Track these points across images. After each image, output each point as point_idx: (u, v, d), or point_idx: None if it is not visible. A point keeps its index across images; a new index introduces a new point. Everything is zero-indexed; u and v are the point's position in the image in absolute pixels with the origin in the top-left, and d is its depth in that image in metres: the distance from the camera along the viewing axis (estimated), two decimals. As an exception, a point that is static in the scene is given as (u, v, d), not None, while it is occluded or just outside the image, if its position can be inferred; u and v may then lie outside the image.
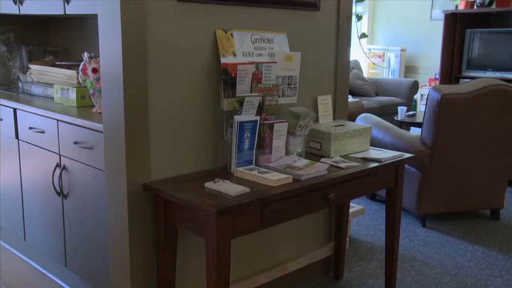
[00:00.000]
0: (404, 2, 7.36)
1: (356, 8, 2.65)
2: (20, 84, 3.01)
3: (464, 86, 3.42)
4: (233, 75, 1.99)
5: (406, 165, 2.87)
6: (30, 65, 3.02)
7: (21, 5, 2.65)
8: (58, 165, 2.40)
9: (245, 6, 2.12)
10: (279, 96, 2.14)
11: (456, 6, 6.44)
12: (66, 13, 2.37)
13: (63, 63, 2.86)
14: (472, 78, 5.90)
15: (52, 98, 2.67)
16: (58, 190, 2.42)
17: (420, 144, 3.40)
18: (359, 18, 2.71)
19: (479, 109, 3.38)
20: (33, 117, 2.52)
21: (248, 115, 1.96)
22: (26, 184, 2.71)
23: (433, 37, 6.97)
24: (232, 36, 2.07)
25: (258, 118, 1.98)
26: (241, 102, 1.93)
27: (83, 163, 2.23)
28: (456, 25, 6.39)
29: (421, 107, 6.78)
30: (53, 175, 2.43)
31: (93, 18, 2.37)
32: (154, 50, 1.85)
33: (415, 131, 4.48)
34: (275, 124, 2.03)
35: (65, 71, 2.72)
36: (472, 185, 3.57)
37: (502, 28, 6.18)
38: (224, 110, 2.00)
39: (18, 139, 2.69)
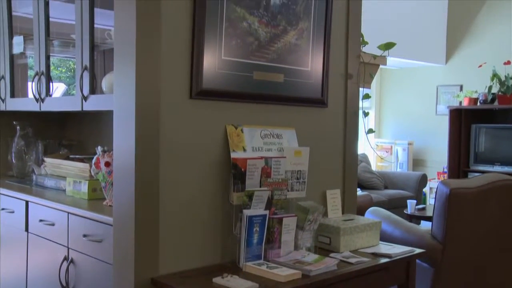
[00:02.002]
0: (409, 98, 7.58)
1: (363, 104, 2.74)
2: (34, 177, 3.07)
3: (473, 181, 3.43)
4: (242, 169, 2.03)
5: (417, 261, 2.82)
6: (45, 158, 3.10)
7: (42, 102, 2.78)
8: (66, 258, 2.39)
9: (255, 103, 2.20)
10: (288, 191, 2.16)
11: (460, 102, 6.62)
12: (84, 109, 2.48)
13: (77, 156, 2.93)
14: (481, 172, 5.91)
15: (64, 190, 2.71)
16: (64, 284, 2.38)
17: (431, 239, 3.35)
18: (366, 114, 2.79)
19: (489, 204, 3.36)
20: (44, 209, 2.55)
21: (257, 209, 1.97)
22: (31, 277, 2.68)
23: (439, 131, 7.09)
24: (242, 132, 2.13)
25: (267, 212, 1.99)
26: (250, 196, 1.96)
27: (91, 257, 2.21)
28: (461, 120, 6.53)
29: (430, 201, 6.74)
30: (60, 269, 2.40)
31: (107, 113, 2.47)
32: (166, 144, 1.90)
33: (425, 225, 4.43)
34: (284, 219, 2.03)
35: (78, 164, 2.78)
36: (487, 282, 3.47)
37: (506, 124, 6.29)
38: (234, 204, 2.02)
39: (27, 232, 2.70)
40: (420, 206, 5.33)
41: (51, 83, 2.79)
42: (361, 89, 2.69)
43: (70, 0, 2.57)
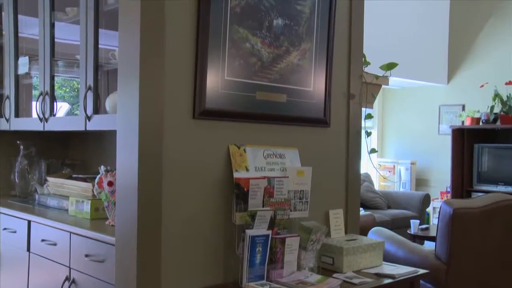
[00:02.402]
0: (411, 118, 7.59)
1: (365, 124, 2.75)
2: (36, 196, 3.07)
3: (476, 201, 3.42)
4: (245, 189, 2.03)
5: (421, 281, 2.80)
6: (48, 178, 3.10)
7: (46, 122, 2.79)
8: (67, 278, 2.37)
9: (257, 123, 2.21)
10: (290, 210, 2.16)
11: (463, 122, 6.63)
12: (87, 129, 2.49)
13: (79, 176, 2.94)
14: (485, 192, 5.90)
15: (67, 210, 2.71)
16: (65, 305, 2.37)
17: (435, 259, 3.33)
18: (368, 134, 2.80)
19: (493, 224, 3.34)
20: (46, 229, 2.54)
21: (260, 229, 1.97)
22: (33, 297, 2.66)
23: (441, 150, 7.08)
24: (245, 152, 2.14)
25: (270, 232, 1.98)
26: (253, 216, 1.95)
27: (93, 277, 2.20)
28: (463, 140, 6.53)
29: (434, 220, 6.70)
30: (61, 289, 2.39)
31: (110, 132, 2.48)
32: (169, 164, 1.91)
33: (429, 245, 4.40)
34: (286, 239, 2.03)
35: (80, 184, 2.78)
36: (492, 303, 3.43)
37: (508, 143, 6.29)
38: (236, 224, 2.01)
39: (29, 252, 2.69)
40: (424, 226, 5.30)
41: (55, 103, 2.80)
42: (363, 109, 2.70)
43: (76, 21, 2.60)
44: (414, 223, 5.20)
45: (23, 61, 3.02)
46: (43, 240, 2.57)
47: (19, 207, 2.92)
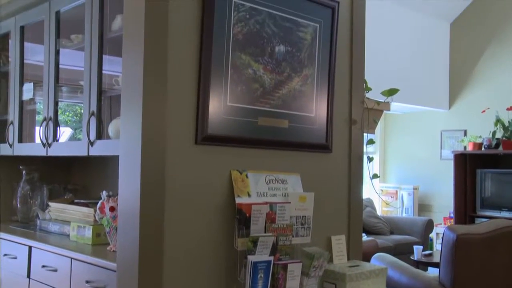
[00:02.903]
0: (413, 143, 7.60)
1: (367, 149, 2.75)
2: (38, 222, 3.06)
3: (480, 227, 3.40)
4: (247, 215, 2.02)
5: (425, 309, 2.76)
6: (49, 203, 3.10)
7: (49, 147, 2.80)
8: (67, 305, 2.35)
9: (259, 148, 2.22)
10: (292, 236, 2.15)
11: (465, 147, 6.62)
12: (90, 154, 2.50)
13: (81, 201, 2.93)
14: (488, 217, 5.86)
15: (68, 235, 2.70)
16: (65, 332, 2.34)
17: (439, 286, 3.29)
18: (370, 159, 2.80)
19: (497, 250, 3.32)
20: (47, 255, 2.53)
21: (262, 255, 1.95)
22: (32, 325, 2.63)
23: (444, 176, 7.07)
24: (247, 177, 2.14)
25: (272, 258, 1.97)
26: (255, 242, 1.94)
27: (93, 303, 2.18)
28: (466, 165, 6.52)
29: (437, 246, 6.65)
30: (61, 316, 2.37)
31: (113, 158, 2.49)
32: (171, 190, 1.91)
33: (432, 272, 4.36)
34: (289, 265, 2.01)
35: (82, 209, 2.78)
36: (498, 331, 3.38)
37: (511, 169, 6.27)
38: (238, 249, 2.00)
39: (29, 278, 2.67)
40: (427, 252, 5.26)
41: (58, 128, 2.82)
42: (365, 134, 2.71)
43: (80, 48, 2.63)
44: (417, 249, 5.16)
45: (28, 87, 3.05)
46: (43, 266, 2.55)
47: (20, 232, 2.91)
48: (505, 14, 6.78)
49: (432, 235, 6.75)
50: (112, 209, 2.35)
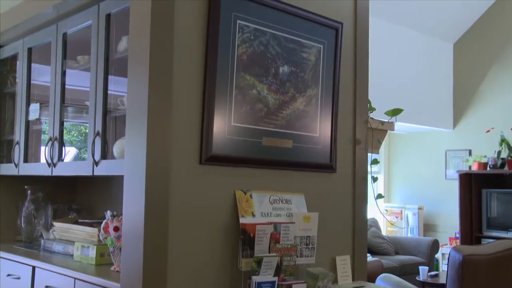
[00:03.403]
0: (418, 162, 7.58)
1: (372, 169, 2.75)
2: (42, 242, 3.05)
3: (486, 247, 3.37)
4: (251, 235, 2.02)
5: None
6: (54, 223, 3.09)
7: (54, 167, 2.81)
8: (70, 326, 2.34)
9: (264, 168, 2.22)
10: (297, 257, 2.14)
11: (470, 167, 6.60)
12: (95, 174, 2.50)
13: (86, 221, 2.93)
14: (495, 238, 5.81)
15: (72, 255, 2.70)
16: None
17: (446, 308, 3.25)
18: (374, 179, 2.80)
19: (504, 272, 3.28)
20: (51, 275, 2.52)
21: (266, 275, 1.94)
22: None
23: (449, 195, 7.03)
24: (251, 197, 2.14)
25: (276, 279, 1.96)
26: (259, 262, 1.93)
27: (97, 324, 2.17)
28: (471, 185, 6.48)
29: (443, 267, 6.59)
30: (64, 337, 2.35)
31: (117, 177, 2.50)
32: (175, 210, 1.91)
33: (439, 293, 4.31)
34: (293, 285, 2.00)
35: (86, 229, 2.77)
36: None
37: (517, 189, 6.24)
38: (242, 270, 1.99)
39: (32, 298, 2.66)
40: (433, 273, 5.21)
41: (63, 148, 2.83)
42: (369, 154, 2.71)
43: (86, 69, 2.66)
44: (423, 270, 5.11)
45: (34, 107, 3.07)
46: (47, 287, 2.54)
47: (23, 252, 2.91)
48: (508, 35, 6.81)
49: (438, 255, 6.69)
50: (116, 229, 2.34)
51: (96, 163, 2.49)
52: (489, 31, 6.98)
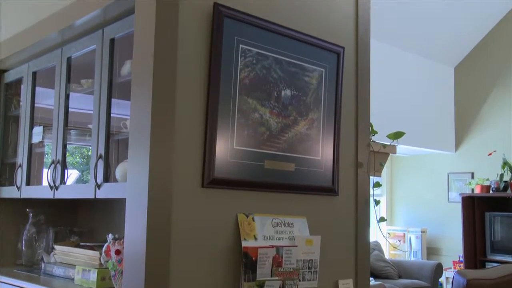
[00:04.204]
0: (420, 185, 7.56)
1: (374, 192, 2.74)
2: (42, 265, 3.04)
3: (491, 271, 3.34)
4: (253, 258, 2.01)
5: None
6: (55, 246, 3.08)
7: (56, 190, 2.81)
8: None
9: (266, 191, 2.22)
10: (299, 280, 2.12)
11: (472, 190, 6.58)
12: (97, 197, 2.50)
13: (87, 244, 2.92)
14: (499, 262, 5.76)
15: (73, 279, 2.68)
16: None
17: (450, 333, 3.21)
18: (377, 202, 2.79)
19: (508, 296, 3.24)
20: (52, 299, 2.50)
21: (268, 300, 1.93)
22: None
23: (452, 219, 7.00)
24: (254, 220, 2.14)
25: (278, 303, 1.94)
26: (261, 286, 1.92)
27: None
28: (474, 208, 6.46)
29: (448, 291, 6.52)
30: None
31: (119, 200, 2.50)
32: (177, 233, 1.90)
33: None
34: (296, 310, 1.98)
35: (88, 252, 2.76)
36: None
37: (520, 212, 6.21)
38: (244, 294, 1.98)
39: (33, 323, 2.63)
40: (437, 298, 5.14)
41: (66, 171, 2.84)
42: (371, 177, 2.71)
43: (90, 92, 2.68)
44: (427, 294, 5.05)
45: (37, 130, 3.09)
46: (47, 311, 2.52)
47: (24, 276, 2.89)
48: (507, 58, 6.86)
49: (442, 279, 6.63)
50: (118, 252, 2.33)
51: (98, 186, 2.49)
52: (489, 55, 7.03)
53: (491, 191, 6.37)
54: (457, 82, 7.39)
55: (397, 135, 2.77)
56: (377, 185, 2.76)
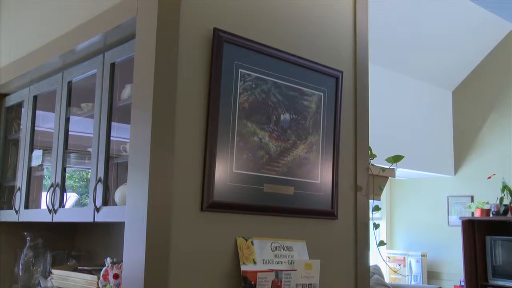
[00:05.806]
0: (420, 209, 7.53)
1: (373, 215, 2.74)
2: (39, 290, 3.01)
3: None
4: (252, 282, 1.99)
5: None
6: (52, 270, 3.05)
7: (55, 213, 2.81)
8: None
9: (265, 215, 2.22)
10: (299, 305, 2.11)
11: (472, 213, 6.56)
12: (96, 220, 2.49)
13: (85, 268, 2.89)
14: (501, 287, 5.70)
15: (70, 304, 2.65)
16: None
17: None
18: (376, 226, 2.78)
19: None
20: (48, 324, 2.47)
21: (267, 325, 1.91)
22: None
23: (453, 242, 6.95)
24: (252, 244, 2.13)
25: (278, 329, 1.92)
26: (260, 311, 1.90)
27: None
28: (474, 232, 6.42)
29: (449, 317, 6.44)
30: None
31: (117, 224, 2.49)
32: (176, 256, 1.89)
33: None
34: (295, 336, 1.96)
35: (86, 276, 2.73)
36: None
37: (521, 236, 6.17)
38: (243, 319, 1.96)
39: None
40: (438, 323, 5.08)
41: (65, 194, 2.83)
42: (371, 201, 2.71)
43: (90, 116, 2.69)
44: (428, 320, 4.99)
45: (37, 154, 3.09)
46: (44, 336, 2.49)
47: (21, 300, 2.86)
48: (505, 82, 6.91)
49: (444, 304, 6.56)
50: (116, 276, 2.32)
51: (97, 210, 2.49)
52: (487, 79, 7.08)
53: (491, 215, 6.34)
54: (455, 105, 7.43)
55: (396, 159, 2.77)
56: (377, 208, 2.76)
